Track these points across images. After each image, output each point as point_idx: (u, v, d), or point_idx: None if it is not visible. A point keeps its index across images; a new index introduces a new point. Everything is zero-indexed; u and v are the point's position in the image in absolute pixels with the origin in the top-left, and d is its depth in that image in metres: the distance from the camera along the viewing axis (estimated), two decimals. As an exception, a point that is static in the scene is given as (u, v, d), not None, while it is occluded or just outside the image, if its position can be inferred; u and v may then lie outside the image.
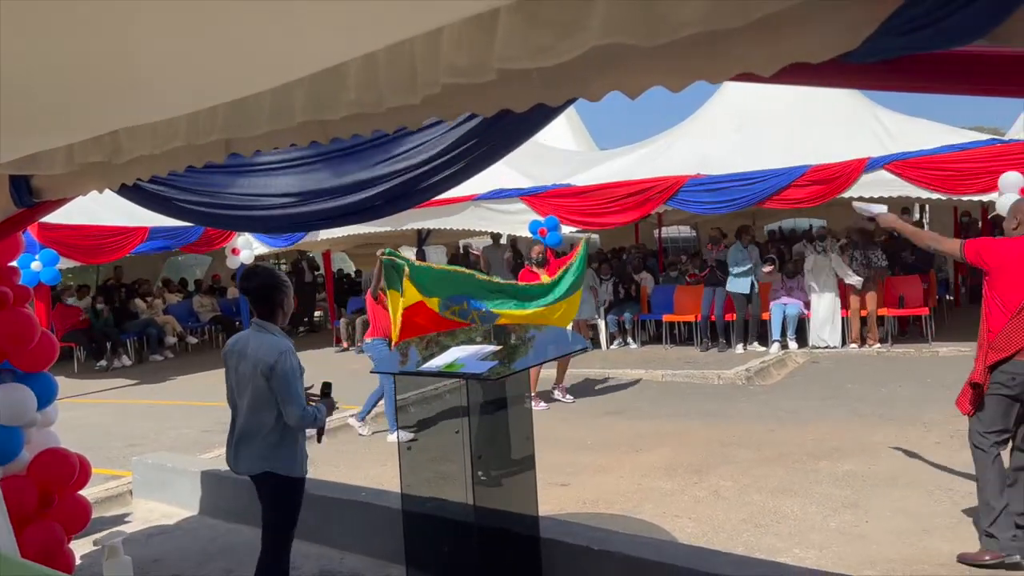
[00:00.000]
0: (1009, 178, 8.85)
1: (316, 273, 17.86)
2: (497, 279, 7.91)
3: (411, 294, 6.98)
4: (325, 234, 12.88)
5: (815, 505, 5.13)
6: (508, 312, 7.53)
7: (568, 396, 9.04)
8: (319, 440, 3.67)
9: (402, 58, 2.05)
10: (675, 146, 12.10)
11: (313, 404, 3.46)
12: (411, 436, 7.53)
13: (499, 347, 3.79)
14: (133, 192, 3.27)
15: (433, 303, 7.19)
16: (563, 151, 15.84)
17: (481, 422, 3.83)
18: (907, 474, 5.59)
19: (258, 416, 3.37)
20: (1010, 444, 4.14)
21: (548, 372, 8.96)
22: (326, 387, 3.61)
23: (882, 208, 4.63)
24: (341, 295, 16.82)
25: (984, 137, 10.46)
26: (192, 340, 15.63)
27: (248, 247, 13.79)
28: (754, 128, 11.11)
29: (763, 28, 1.55)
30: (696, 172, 10.75)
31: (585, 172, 12.37)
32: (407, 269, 7.00)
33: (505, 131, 2.35)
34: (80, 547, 4.78)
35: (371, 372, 3.99)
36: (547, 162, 13.67)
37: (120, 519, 5.79)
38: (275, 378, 3.27)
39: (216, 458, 6.71)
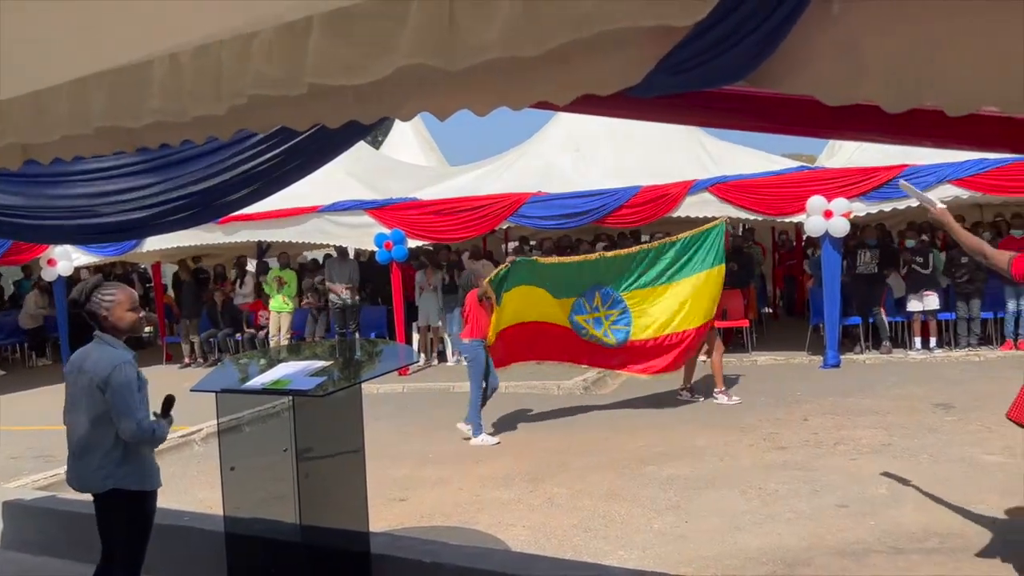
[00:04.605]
0: (815, 202, 9.75)
1: (147, 286, 16.81)
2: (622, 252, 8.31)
3: (511, 310, 7.53)
4: (155, 245, 12.16)
5: (641, 508, 5.40)
6: (640, 294, 8.03)
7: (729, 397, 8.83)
8: None
9: (208, 65, 2.01)
10: (518, 164, 12.41)
11: (154, 419, 3.34)
12: (495, 440, 7.40)
13: (328, 362, 3.74)
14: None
15: (566, 305, 7.87)
16: (410, 165, 15.85)
17: (310, 437, 3.76)
18: (724, 475, 6.00)
19: (99, 431, 3.24)
20: None
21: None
22: (167, 403, 3.48)
23: (936, 201, 4.20)
24: (188, 308, 15.60)
25: (796, 164, 11.48)
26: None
27: (66, 258, 12.80)
28: (590, 149, 11.60)
29: (557, 60, 1.66)
30: (537, 190, 11.07)
31: (431, 187, 12.43)
32: (512, 284, 7.52)
33: (317, 145, 2.35)
34: None
35: (191, 391, 3.81)
36: (393, 176, 13.63)
37: (-96, 560, 5.20)
38: (110, 391, 3.16)
39: (24, 487, 6.17)
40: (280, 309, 12.69)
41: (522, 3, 1.54)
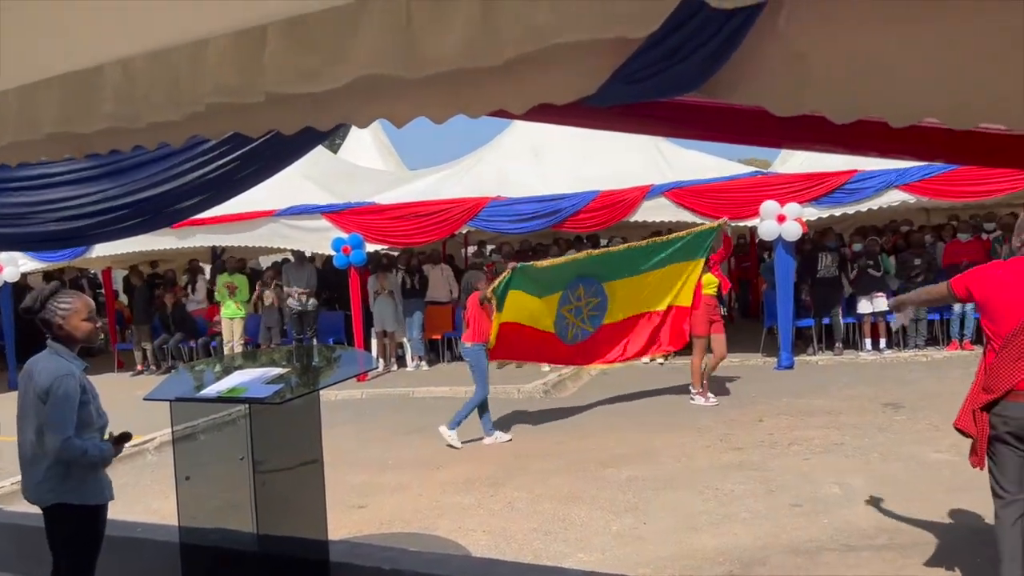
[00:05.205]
0: (768, 206, 9.93)
1: (97, 292, 16.43)
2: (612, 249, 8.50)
3: (509, 312, 7.59)
4: (105, 250, 11.87)
5: (600, 510, 5.44)
6: (620, 283, 8.04)
7: (707, 398, 8.65)
8: None
9: (165, 71, 1.99)
10: (477, 168, 12.42)
11: (100, 441, 3.24)
12: (508, 438, 7.53)
13: (286, 369, 3.71)
14: None
15: (552, 301, 7.88)
16: (368, 169, 15.75)
17: (267, 445, 3.72)
18: (681, 476, 6.08)
19: (43, 443, 3.14)
20: None
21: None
22: (124, 436, 3.39)
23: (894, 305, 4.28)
24: (139, 314, 15.19)
25: (750, 169, 11.69)
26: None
27: (12, 263, 12.45)
28: (549, 153, 11.67)
29: (514, 70, 1.68)
30: (496, 194, 11.09)
31: (390, 191, 12.37)
32: (508, 288, 7.58)
33: (272, 152, 2.33)
34: None
35: (144, 399, 3.74)
36: (351, 180, 13.53)
37: None
38: (48, 402, 3.07)
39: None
40: (233, 315, 12.48)
41: (480, 14, 1.56)
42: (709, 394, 8.66)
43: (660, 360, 11.48)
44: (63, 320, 3.18)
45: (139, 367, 13.46)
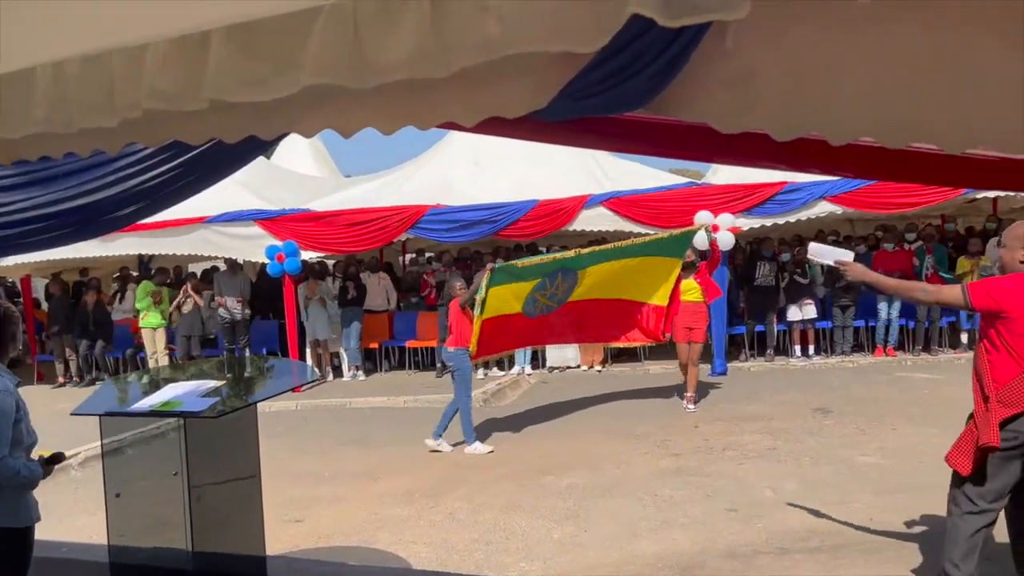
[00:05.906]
0: (702, 216, 10.15)
1: (15, 300, 15.72)
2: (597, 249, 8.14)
3: (488, 310, 7.26)
4: (24, 256, 11.37)
5: (541, 519, 5.45)
6: (592, 269, 7.67)
7: (691, 406, 8.57)
8: None
9: (99, 74, 1.92)
10: (417, 175, 12.37)
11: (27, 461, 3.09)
12: (488, 449, 7.38)
13: (220, 382, 3.61)
14: None
15: (528, 286, 7.48)
16: (302, 175, 15.50)
17: (202, 460, 3.62)
18: (621, 483, 6.14)
19: None
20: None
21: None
22: (55, 457, 3.29)
23: (848, 254, 3.85)
24: (60, 323, 14.48)
25: (684, 180, 11.96)
26: None
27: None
28: (489, 162, 11.71)
29: (464, 83, 1.68)
30: (436, 202, 11.07)
31: (325, 198, 12.21)
32: (487, 288, 7.20)
33: (214, 160, 2.27)
34: None
35: (72, 414, 3.60)
36: (285, 186, 13.30)
37: None
38: None
39: None
40: (157, 325, 12.06)
41: (428, 25, 1.55)
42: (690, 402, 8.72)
43: (598, 368, 11.62)
44: (7, 331, 3.04)
45: (61, 379, 12.93)
